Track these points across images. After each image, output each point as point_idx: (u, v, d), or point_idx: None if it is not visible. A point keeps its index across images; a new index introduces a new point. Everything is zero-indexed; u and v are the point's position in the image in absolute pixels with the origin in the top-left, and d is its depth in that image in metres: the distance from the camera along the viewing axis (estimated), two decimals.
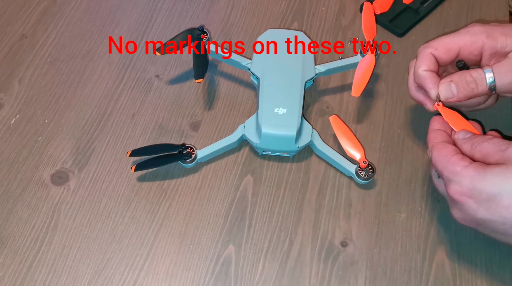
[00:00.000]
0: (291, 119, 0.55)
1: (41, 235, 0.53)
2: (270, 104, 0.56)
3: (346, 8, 0.72)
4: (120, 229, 0.54)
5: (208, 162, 0.58)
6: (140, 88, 0.64)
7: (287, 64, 0.59)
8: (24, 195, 0.56)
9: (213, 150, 0.57)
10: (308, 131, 0.57)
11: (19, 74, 0.65)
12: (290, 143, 0.55)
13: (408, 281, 0.51)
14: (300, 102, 0.56)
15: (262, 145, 0.56)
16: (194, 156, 0.57)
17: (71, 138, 0.60)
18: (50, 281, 0.51)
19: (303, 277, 0.51)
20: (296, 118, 0.55)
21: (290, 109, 0.56)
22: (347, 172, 0.57)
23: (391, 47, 0.68)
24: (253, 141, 0.56)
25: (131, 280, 0.51)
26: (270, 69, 0.59)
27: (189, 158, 0.57)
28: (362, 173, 0.55)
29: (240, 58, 0.63)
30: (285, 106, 0.56)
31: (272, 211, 0.55)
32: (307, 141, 0.57)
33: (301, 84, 0.58)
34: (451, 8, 0.72)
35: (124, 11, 0.71)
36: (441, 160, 0.48)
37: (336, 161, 0.56)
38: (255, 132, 0.57)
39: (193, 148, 0.57)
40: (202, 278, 0.51)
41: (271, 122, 0.55)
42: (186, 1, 0.73)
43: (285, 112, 0.56)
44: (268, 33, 0.62)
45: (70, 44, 0.68)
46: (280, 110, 0.56)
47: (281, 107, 0.56)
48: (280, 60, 0.60)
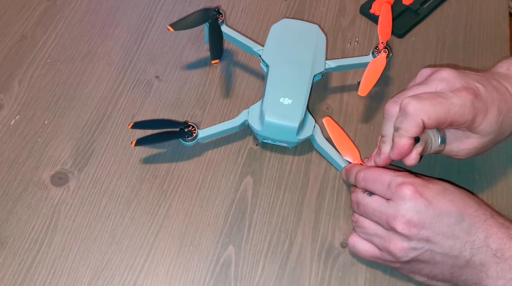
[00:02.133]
0: (295, 111, 0.55)
1: (41, 236, 0.53)
2: (276, 93, 0.56)
3: (346, 9, 0.72)
4: (120, 230, 0.54)
5: (208, 162, 0.58)
6: (140, 89, 0.64)
7: (298, 56, 0.59)
8: (24, 196, 0.56)
9: (214, 131, 0.57)
10: (311, 124, 0.57)
11: (19, 75, 0.65)
12: (292, 134, 0.55)
13: (408, 281, 0.51)
14: (306, 94, 0.56)
15: (263, 133, 0.56)
16: (195, 134, 0.57)
17: (71, 139, 0.60)
18: (49, 282, 0.51)
19: (303, 278, 0.51)
20: (300, 110, 0.55)
21: (295, 100, 0.56)
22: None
23: (391, 48, 0.68)
24: (255, 127, 0.57)
25: (131, 281, 0.51)
26: (281, 58, 0.59)
27: (190, 137, 0.56)
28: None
29: (252, 44, 0.63)
30: (291, 97, 0.56)
31: (272, 212, 0.55)
32: (309, 134, 0.57)
33: (309, 77, 0.58)
34: (451, 9, 0.72)
35: (124, 12, 0.71)
36: (384, 171, 0.50)
37: (333, 159, 0.57)
38: (258, 119, 0.57)
39: (194, 126, 0.57)
40: (202, 279, 0.51)
41: (275, 111, 0.55)
42: (186, 2, 0.73)
43: (290, 102, 0.56)
44: (283, 22, 0.63)
45: (70, 45, 0.68)
46: (285, 100, 0.56)
47: (286, 98, 0.56)
48: (292, 51, 0.60)
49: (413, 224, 0.46)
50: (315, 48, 0.60)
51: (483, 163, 0.59)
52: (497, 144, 0.53)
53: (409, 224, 0.46)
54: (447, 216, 0.46)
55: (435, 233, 0.46)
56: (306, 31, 0.62)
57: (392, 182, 0.48)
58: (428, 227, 0.46)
